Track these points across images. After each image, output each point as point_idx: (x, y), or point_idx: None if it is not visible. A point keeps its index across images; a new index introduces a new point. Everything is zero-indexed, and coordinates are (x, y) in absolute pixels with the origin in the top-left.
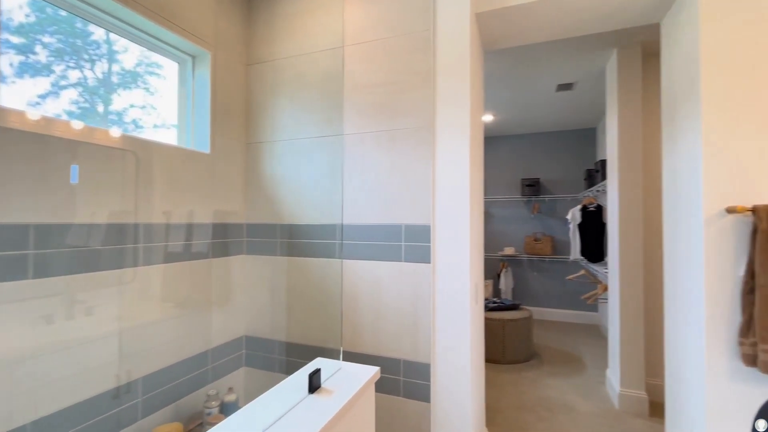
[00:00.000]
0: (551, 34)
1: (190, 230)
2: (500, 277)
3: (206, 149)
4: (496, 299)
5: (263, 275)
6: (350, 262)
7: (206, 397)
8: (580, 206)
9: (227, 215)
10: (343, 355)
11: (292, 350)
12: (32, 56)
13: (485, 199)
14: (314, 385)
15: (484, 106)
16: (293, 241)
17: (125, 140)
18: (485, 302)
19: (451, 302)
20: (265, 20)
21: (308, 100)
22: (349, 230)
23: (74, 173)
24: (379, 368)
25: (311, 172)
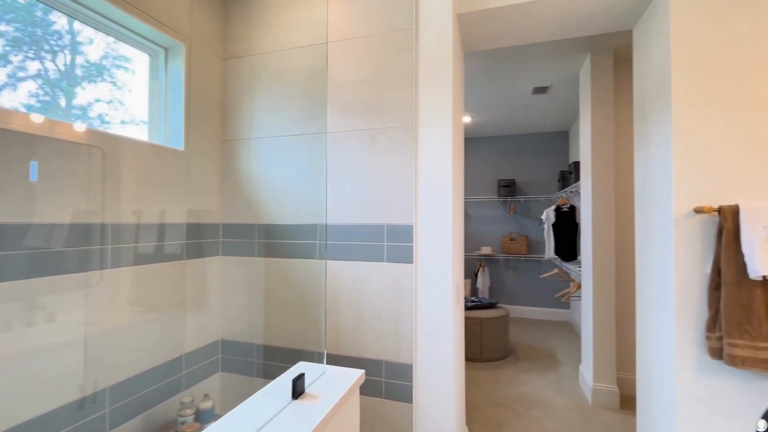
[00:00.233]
0: (528, 37)
1: (162, 230)
2: (477, 276)
3: (180, 146)
4: (474, 298)
5: (240, 277)
6: (331, 262)
7: (180, 405)
8: (554, 207)
9: (202, 215)
10: (326, 357)
11: (270, 354)
12: None
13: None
14: (298, 390)
15: (463, 106)
16: (272, 241)
17: (91, 135)
18: (464, 301)
19: (433, 302)
20: (243, 13)
21: (289, 96)
22: (330, 230)
23: (33, 170)
24: (363, 371)
25: (291, 170)
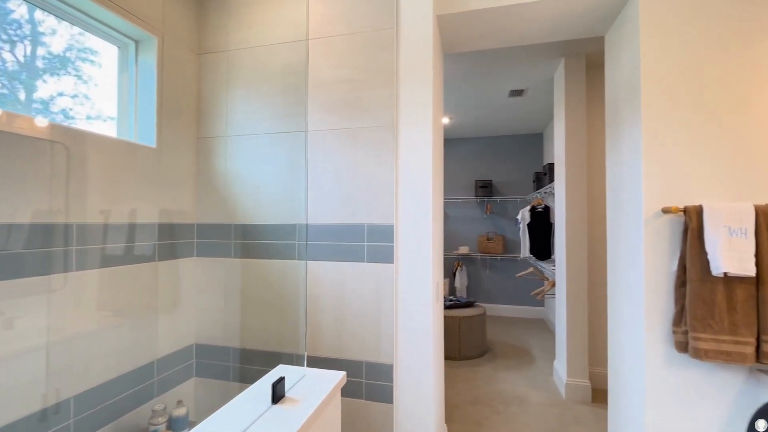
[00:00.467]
0: (506, 40)
1: (132, 231)
2: (455, 275)
3: (152, 143)
4: (452, 297)
5: (216, 279)
6: (311, 263)
7: (152, 413)
8: (529, 207)
9: (175, 215)
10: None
11: (248, 357)
12: None
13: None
14: (278, 394)
15: (443, 108)
16: (249, 242)
17: (54, 130)
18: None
19: (413, 302)
20: (219, 8)
21: (267, 94)
22: (310, 230)
23: None
24: (345, 373)
25: (270, 169)
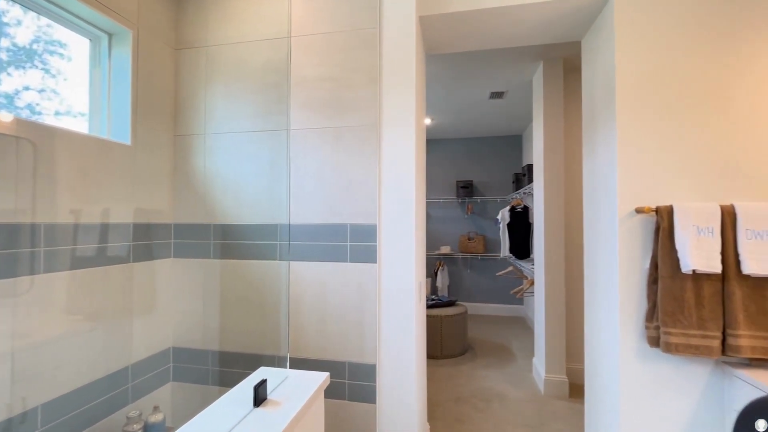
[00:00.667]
0: (486, 43)
1: (105, 231)
2: (437, 275)
3: (126, 140)
4: (434, 296)
5: (194, 280)
6: (293, 263)
7: (126, 419)
8: (509, 207)
9: (152, 214)
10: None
11: (227, 360)
12: None
13: None
14: (260, 397)
15: (425, 108)
16: (229, 242)
17: (19, 125)
18: None
19: (396, 301)
20: (197, 1)
21: (248, 91)
22: (292, 230)
23: None
24: (328, 374)
25: (251, 168)
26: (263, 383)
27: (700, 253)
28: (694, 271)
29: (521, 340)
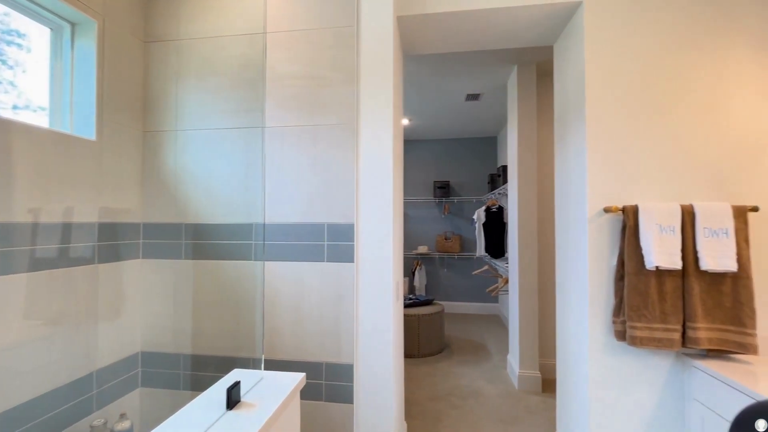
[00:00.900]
0: (462, 45)
1: (67, 231)
2: (415, 274)
3: (91, 135)
4: (411, 296)
5: (165, 281)
6: (269, 263)
7: (90, 429)
8: (484, 207)
9: (119, 214)
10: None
11: (200, 364)
12: None
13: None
14: (234, 399)
15: (402, 109)
16: (202, 242)
17: None
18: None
19: (374, 301)
20: None
21: (222, 87)
22: (267, 229)
23: None
24: (304, 374)
25: (225, 166)
26: (236, 385)
27: (662, 250)
28: (657, 267)
29: (496, 337)
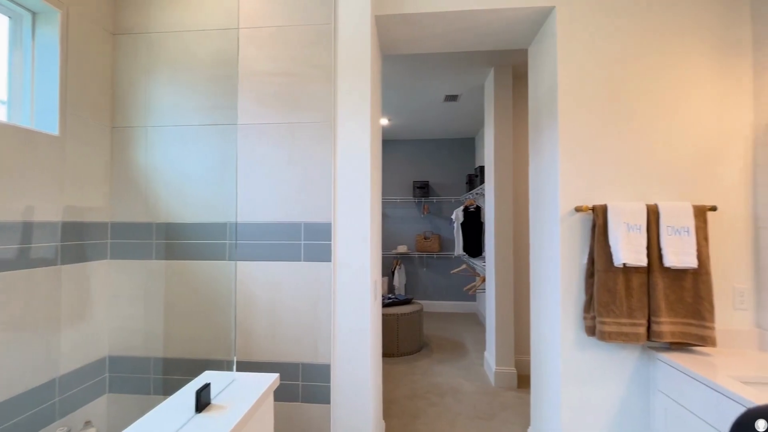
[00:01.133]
0: (440, 46)
1: (27, 230)
2: (394, 274)
3: (53, 130)
4: (390, 295)
5: (134, 283)
6: (244, 263)
7: None
8: (462, 207)
9: (84, 212)
10: (236, 365)
11: (172, 367)
12: None
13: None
14: (203, 402)
15: (381, 108)
16: (174, 242)
17: None
18: (381, 299)
19: (351, 300)
20: None
21: (195, 83)
22: (243, 229)
23: None
24: (278, 375)
25: (197, 164)
26: (206, 387)
27: (629, 248)
28: (624, 264)
29: (474, 335)
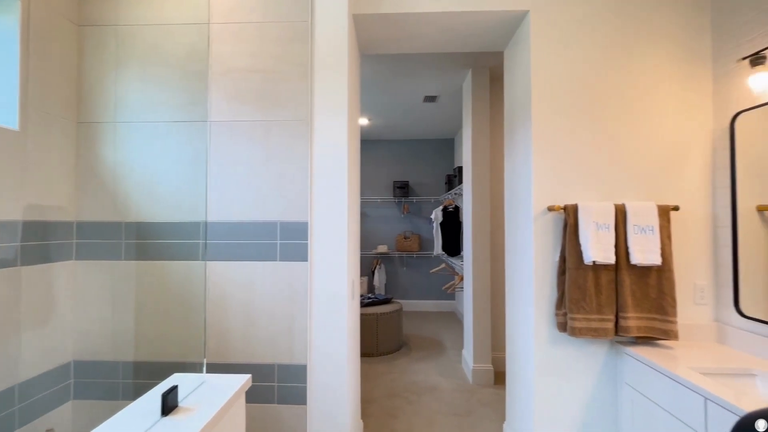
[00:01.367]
0: (418, 47)
1: None
2: (374, 273)
3: (13, 125)
4: (370, 295)
5: (102, 284)
6: (219, 263)
7: None
8: (441, 207)
9: (47, 211)
10: (209, 367)
11: (142, 371)
12: None
13: (360, 199)
14: (170, 405)
15: (360, 108)
16: (143, 242)
17: None
18: (360, 298)
19: (328, 300)
20: None
21: (166, 78)
22: (218, 228)
23: None
24: (249, 376)
25: (168, 161)
26: (173, 390)
27: (599, 246)
28: (594, 262)
29: (453, 333)
